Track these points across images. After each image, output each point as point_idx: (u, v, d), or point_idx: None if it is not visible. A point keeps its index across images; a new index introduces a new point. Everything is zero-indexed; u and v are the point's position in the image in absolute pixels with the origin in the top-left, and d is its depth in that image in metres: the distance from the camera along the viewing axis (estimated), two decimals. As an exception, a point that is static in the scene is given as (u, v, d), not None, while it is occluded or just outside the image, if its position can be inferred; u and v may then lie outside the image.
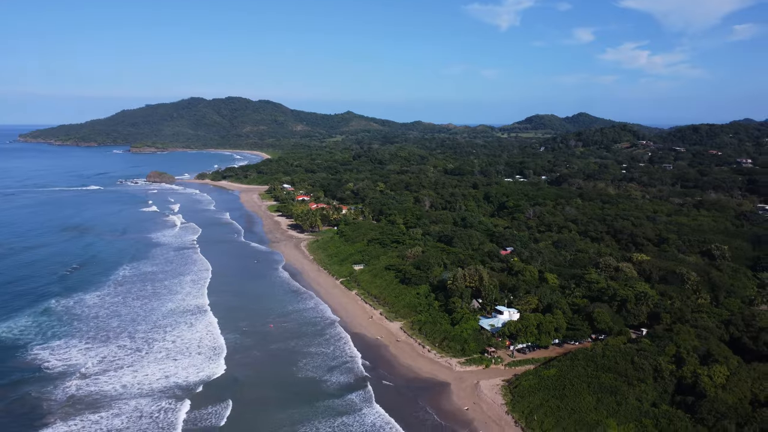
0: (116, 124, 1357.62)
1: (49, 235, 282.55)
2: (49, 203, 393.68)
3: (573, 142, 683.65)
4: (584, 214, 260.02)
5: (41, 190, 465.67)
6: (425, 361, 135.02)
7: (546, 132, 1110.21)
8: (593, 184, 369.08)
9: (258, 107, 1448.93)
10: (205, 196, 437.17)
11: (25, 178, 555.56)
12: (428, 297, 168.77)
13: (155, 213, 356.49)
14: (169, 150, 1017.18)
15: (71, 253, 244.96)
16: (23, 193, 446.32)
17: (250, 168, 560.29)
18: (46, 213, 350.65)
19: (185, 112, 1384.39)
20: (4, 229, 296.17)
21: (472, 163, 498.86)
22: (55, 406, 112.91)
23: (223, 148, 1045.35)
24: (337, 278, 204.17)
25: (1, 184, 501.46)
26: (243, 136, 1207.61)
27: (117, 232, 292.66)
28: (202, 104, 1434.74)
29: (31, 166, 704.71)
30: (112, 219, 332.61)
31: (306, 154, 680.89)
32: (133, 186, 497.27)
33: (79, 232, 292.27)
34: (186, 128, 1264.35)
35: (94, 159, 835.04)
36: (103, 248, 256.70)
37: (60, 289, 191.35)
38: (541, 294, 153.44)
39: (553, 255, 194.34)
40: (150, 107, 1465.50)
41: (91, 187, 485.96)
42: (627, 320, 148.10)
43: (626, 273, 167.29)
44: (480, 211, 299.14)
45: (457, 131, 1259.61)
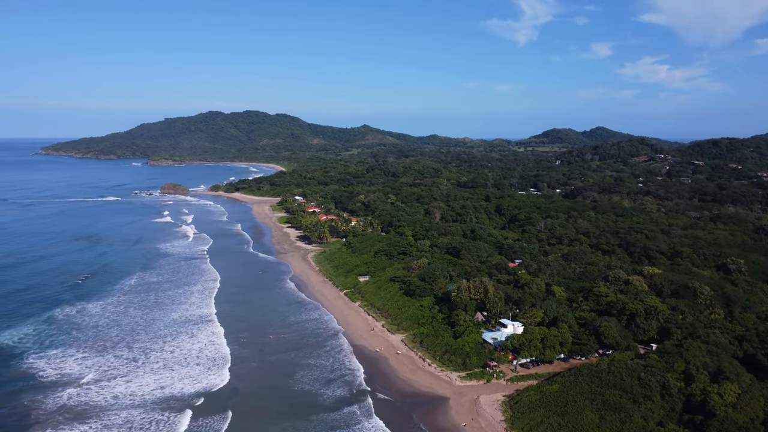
0: (136, 137, 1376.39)
1: (62, 245, 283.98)
2: (65, 214, 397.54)
3: (589, 156, 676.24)
4: (597, 227, 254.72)
5: (59, 200, 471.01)
6: (425, 374, 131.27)
7: (563, 146, 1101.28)
8: (608, 197, 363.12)
9: (275, 121, 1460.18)
10: (218, 207, 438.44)
11: (44, 189, 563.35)
12: (432, 309, 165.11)
13: (168, 224, 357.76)
14: (186, 163, 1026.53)
15: (83, 263, 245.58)
16: (41, 203, 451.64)
17: (264, 180, 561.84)
18: (62, 223, 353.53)
19: (203, 126, 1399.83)
20: (21, 239, 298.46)
21: (485, 176, 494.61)
22: (45, 415, 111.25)
23: (239, 161, 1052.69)
24: (341, 290, 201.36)
25: (20, 195, 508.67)
26: (259, 149, 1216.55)
27: (129, 242, 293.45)
28: (220, 118, 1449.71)
29: (51, 178, 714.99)
30: (126, 229, 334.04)
31: (320, 167, 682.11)
32: (148, 197, 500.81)
33: (92, 242, 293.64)
34: (204, 141, 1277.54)
35: (112, 171, 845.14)
36: (115, 258, 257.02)
37: (66, 298, 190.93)
38: (547, 307, 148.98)
39: (561, 268, 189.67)
40: (169, 120, 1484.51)
41: (109, 198, 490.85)
42: (636, 335, 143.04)
43: (636, 286, 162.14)
44: (491, 223, 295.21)
45: (473, 145, 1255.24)
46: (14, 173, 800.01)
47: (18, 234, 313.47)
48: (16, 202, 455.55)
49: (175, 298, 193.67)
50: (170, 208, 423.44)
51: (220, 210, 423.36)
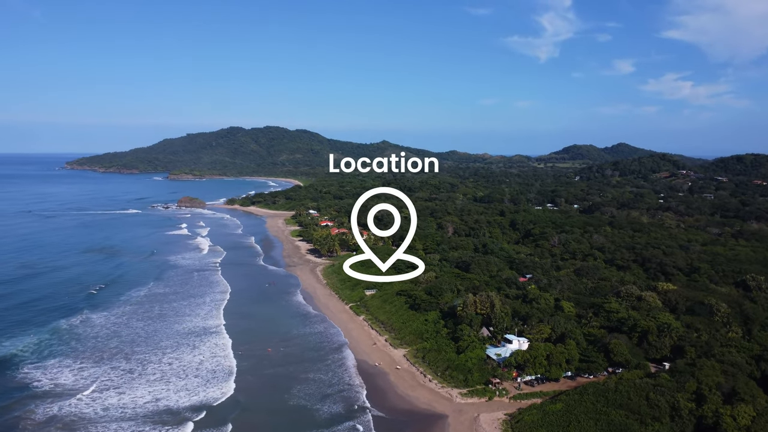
0: (158, 152, 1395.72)
1: (79, 256, 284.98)
2: (86, 225, 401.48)
3: (609, 172, 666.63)
4: (612, 242, 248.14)
5: (80, 213, 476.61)
6: (425, 391, 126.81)
7: (584, 162, 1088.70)
8: (627, 212, 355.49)
9: (295, 136, 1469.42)
10: (233, 220, 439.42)
11: (66, 202, 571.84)
12: (437, 324, 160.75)
13: (183, 236, 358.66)
14: (206, 177, 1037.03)
15: (97, 273, 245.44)
16: (63, 215, 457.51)
17: (279, 194, 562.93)
18: (82, 235, 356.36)
19: (224, 141, 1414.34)
20: (40, 250, 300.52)
21: (502, 191, 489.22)
22: (33, 426, 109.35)
23: (258, 176, 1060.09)
24: (347, 303, 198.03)
25: (44, 207, 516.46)
26: (279, 164, 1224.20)
27: (144, 254, 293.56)
28: (241, 133, 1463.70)
29: (74, 191, 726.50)
30: (143, 241, 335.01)
31: (337, 182, 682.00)
32: (164, 210, 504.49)
33: (109, 253, 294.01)
34: (224, 156, 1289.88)
35: (133, 185, 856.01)
36: (129, 269, 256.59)
37: (74, 308, 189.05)
38: (555, 323, 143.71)
39: (573, 283, 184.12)
40: (191, 136, 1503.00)
41: (129, 210, 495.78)
42: (648, 353, 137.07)
43: (649, 303, 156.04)
44: (505, 238, 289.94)
45: (493, 161, 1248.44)
46: (39, 186, 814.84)
47: (38, 245, 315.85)
48: (39, 214, 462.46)
49: (179, 309, 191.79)
50: (186, 221, 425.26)
51: (234, 223, 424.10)
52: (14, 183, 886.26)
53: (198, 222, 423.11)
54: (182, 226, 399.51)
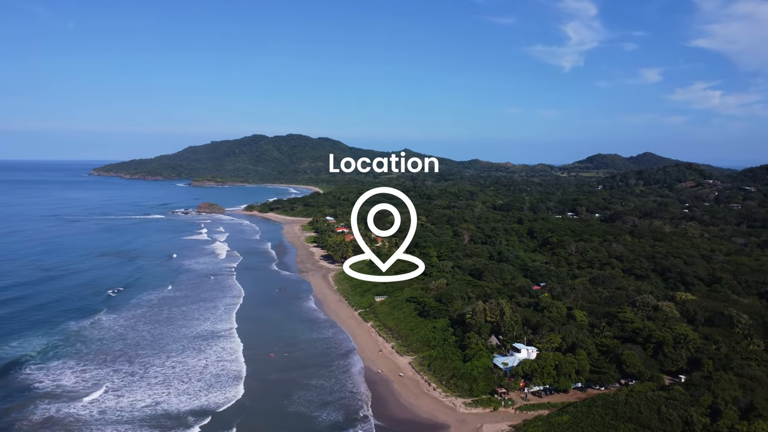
0: (182, 159, 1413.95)
1: (99, 259, 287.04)
2: (108, 230, 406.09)
3: (633, 181, 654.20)
4: (631, 251, 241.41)
5: (103, 217, 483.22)
6: (428, 399, 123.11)
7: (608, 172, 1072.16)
8: (649, 222, 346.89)
9: (317, 144, 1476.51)
10: (251, 226, 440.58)
11: (91, 207, 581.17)
12: (446, 331, 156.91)
13: (201, 241, 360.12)
14: (228, 184, 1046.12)
15: (115, 277, 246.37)
16: (86, 220, 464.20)
17: (297, 201, 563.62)
18: (103, 239, 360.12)
19: (247, 149, 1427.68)
20: (61, 253, 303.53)
21: (522, 200, 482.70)
22: (28, 426, 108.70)
23: (279, 183, 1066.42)
24: (356, 309, 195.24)
25: (69, 211, 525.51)
26: (300, 171, 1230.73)
27: (163, 258, 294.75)
28: (264, 141, 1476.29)
29: (98, 197, 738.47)
30: (162, 246, 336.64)
31: (356, 189, 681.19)
32: (184, 216, 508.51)
33: (128, 257, 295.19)
34: (247, 164, 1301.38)
35: (156, 191, 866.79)
36: (146, 273, 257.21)
37: (86, 311, 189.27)
38: (566, 332, 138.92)
39: (587, 291, 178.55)
40: (215, 143, 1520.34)
41: (153, 216, 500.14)
42: (663, 365, 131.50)
43: (666, 313, 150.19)
44: (522, 246, 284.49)
45: (515, 170, 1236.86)
46: (65, 192, 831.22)
47: (61, 248, 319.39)
48: (65, 218, 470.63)
49: (189, 313, 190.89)
50: (205, 226, 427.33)
51: (252, 229, 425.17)
52: (42, 188, 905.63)
53: (216, 227, 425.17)
54: (201, 232, 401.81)
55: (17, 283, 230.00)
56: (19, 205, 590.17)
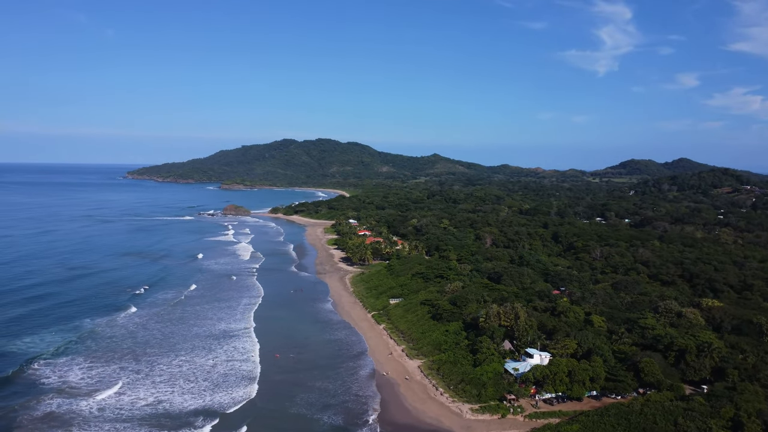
0: (213, 162, 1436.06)
1: (127, 259, 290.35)
2: (138, 230, 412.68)
3: (666, 186, 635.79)
4: (659, 256, 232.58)
5: (135, 218, 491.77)
6: (434, 404, 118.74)
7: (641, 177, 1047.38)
8: (680, 227, 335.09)
9: (346, 149, 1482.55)
10: (275, 228, 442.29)
11: (124, 208, 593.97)
12: (458, 335, 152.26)
13: (225, 242, 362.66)
14: (257, 187, 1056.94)
15: (140, 276, 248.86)
16: (118, 221, 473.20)
17: (322, 204, 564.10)
18: (134, 239, 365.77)
19: (277, 153, 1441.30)
20: (91, 252, 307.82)
21: (550, 204, 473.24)
22: (29, 420, 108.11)
23: (307, 187, 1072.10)
24: (369, 311, 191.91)
25: (103, 213, 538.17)
26: (329, 175, 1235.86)
27: (188, 258, 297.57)
28: (293, 145, 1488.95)
29: (131, 199, 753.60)
30: (188, 246, 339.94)
31: (382, 193, 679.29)
32: (210, 218, 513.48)
33: (155, 257, 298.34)
34: (276, 168, 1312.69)
35: (187, 194, 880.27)
36: (171, 273, 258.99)
37: (105, 309, 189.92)
38: (582, 338, 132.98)
39: (608, 297, 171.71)
40: (245, 148, 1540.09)
41: (183, 217, 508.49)
42: (685, 374, 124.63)
43: (690, 320, 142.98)
44: (545, 250, 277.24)
45: (545, 175, 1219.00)
46: (100, 194, 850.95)
47: (91, 248, 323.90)
48: (98, 219, 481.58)
49: (204, 313, 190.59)
50: (230, 228, 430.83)
51: (275, 231, 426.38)
52: (78, 190, 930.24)
53: (241, 229, 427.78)
54: (226, 233, 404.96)
55: (44, 281, 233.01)
56: (56, 206, 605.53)
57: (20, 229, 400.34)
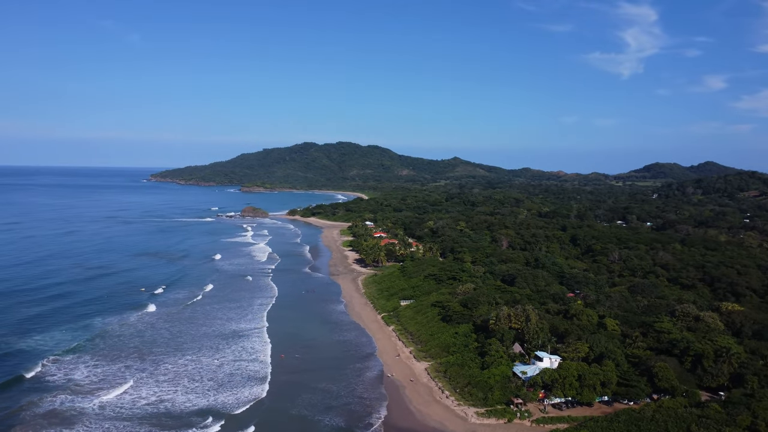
0: (235, 166, 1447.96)
1: (147, 259, 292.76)
2: (160, 231, 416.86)
3: (691, 190, 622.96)
4: (680, 259, 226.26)
5: (156, 220, 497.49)
6: (439, 408, 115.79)
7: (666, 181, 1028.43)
8: (704, 231, 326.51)
9: (366, 152, 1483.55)
10: (291, 230, 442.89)
11: (146, 210, 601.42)
12: (468, 337, 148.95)
13: (242, 243, 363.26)
14: (277, 190, 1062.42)
15: (159, 275, 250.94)
16: (141, 222, 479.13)
17: (339, 206, 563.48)
18: (154, 240, 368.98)
19: (297, 156, 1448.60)
20: (111, 252, 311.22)
21: (570, 207, 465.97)
22: (31, 417, 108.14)
23: (327, 189, 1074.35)
24: (379, 313, 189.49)
25: (126, 214, 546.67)
26: (349, 178, 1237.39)
27: (206, 258, 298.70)
28: (314, 149, 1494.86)
29: (154, 201, 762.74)
30: (207, 247, 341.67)
31: (400, 196, 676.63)
32: (228, 219, 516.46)
33: (174, 258, 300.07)
34: (296, 171, 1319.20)
35: (207, 196, 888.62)
36: (188, 273, 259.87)
37: (118, 309, 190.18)
38: (594, 341, 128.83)
39: (624, 300, 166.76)
40: (266, 151, 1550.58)
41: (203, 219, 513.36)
42: (702, 380, 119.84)
43: (708, 324, 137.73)
44: (563, 253, 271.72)
45: (567, 179, 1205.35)
46: (124, 196, 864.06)
47: (113, 248, 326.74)
48: (121, 220, 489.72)
49: (215, 313, 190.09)
50: (248, 230, 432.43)
51: (291, 232, 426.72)
52: (103, 192, 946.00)
53: (259, 231, 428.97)
54: (244, 234, 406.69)
55: (63, 280, 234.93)
56: (81, 207, 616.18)
57: (45, 229, 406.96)
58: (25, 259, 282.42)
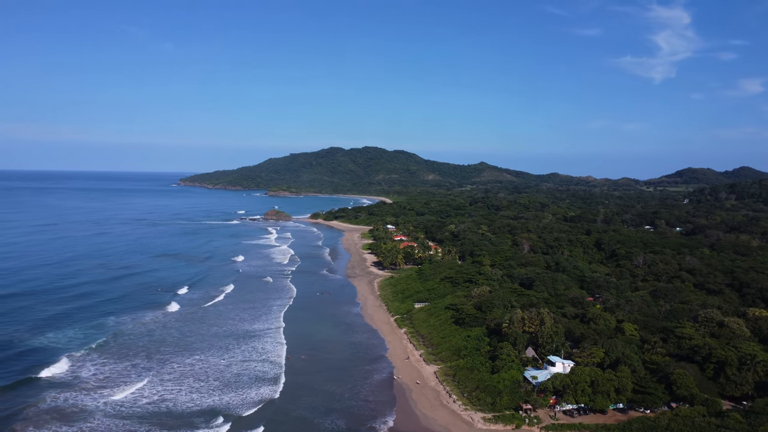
0: (262, 170, 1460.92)
1: (172, 260, 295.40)
2: (187, 233, 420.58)
3: (724, 195, 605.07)
4: (707, 264, 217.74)
5: (183, 222, 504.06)
6: (445, 412, 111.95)
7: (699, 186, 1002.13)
8: (735, 236, 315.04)
9: (392, 157, 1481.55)
10: (312, 233, 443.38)
11: (174, 213, 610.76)
12: (480, 340, 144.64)
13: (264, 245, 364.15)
14: (303, 194, 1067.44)
15: (181, 276, 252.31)
16: (168, 224, 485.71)
17: (362, 209, 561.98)
18: (181, 241, 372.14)
19: (323, 161, 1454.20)
20: (137, 253, 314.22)
21: (596, 212, 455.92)
22: (35, 412, 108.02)
23: (352, 194, 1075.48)
24: (393, 315, 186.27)
25: (155, 216, 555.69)
26: (374, 183, 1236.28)
27: (228, 260, 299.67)
28: (340, 153, 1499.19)
29: (182, 204, 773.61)
30: (231, 248, 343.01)
31: (424, 200, 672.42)
32: (252, 222, 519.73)
33: (199, 259, 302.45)
34: (322, 175, 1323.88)
35: (234, 200, 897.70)
36: (209, 274, 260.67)
37: (133, 308, 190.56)
38: (610, 346, 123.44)
39: (645, 304, 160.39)
40: (293, 155, 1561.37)
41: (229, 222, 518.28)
42: (725, 389, 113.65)
43: (733, 330, 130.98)
44: (586, 257, 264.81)
45: (596, 184, 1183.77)
46: (153, 200, 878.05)
47: (139, 249, 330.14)
48: (151, 222, 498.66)
49: (227, 313, 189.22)
50: (271, 232, 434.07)
51: (312, 235, 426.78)
52: (133, 196, 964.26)
53: (281, 233, 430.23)
54: (267, 236, 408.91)
55: (87, 280, 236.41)
56: (112, 210, 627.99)
57: (76, 230, 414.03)
58: (55, 259, 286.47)
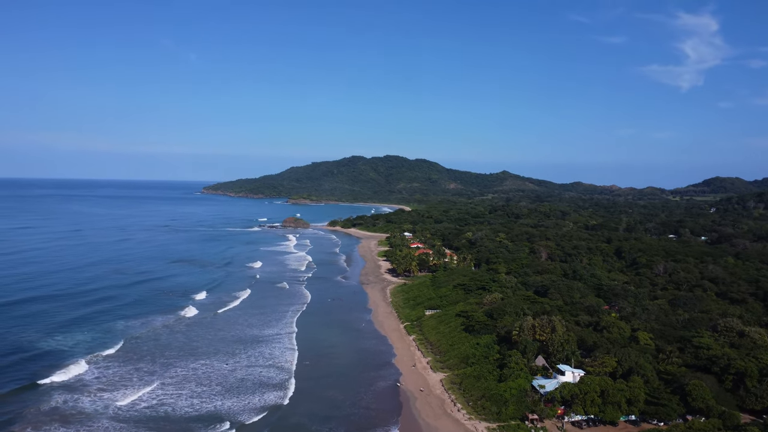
0: (284, 179, 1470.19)
1: (191, 266, 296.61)
2: (208, 240, 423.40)
3: (752, 204, 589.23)
4: (731, 273, 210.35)
5: (205, 229, 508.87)
6: (448, 421, 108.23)
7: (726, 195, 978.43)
8: (762, 245, 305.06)
9: (414, 165, 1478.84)
10: (330, 240, 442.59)
11: (196, 220, 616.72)
12: (489, 348, 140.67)
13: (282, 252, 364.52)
14: (323, 202, 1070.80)
15: (199, 281, 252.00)
16: (191, 231, 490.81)
17: (380, 217, 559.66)
18: (202, 248, 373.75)
19: (345, 169, 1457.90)
20: (158, 259, 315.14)
21: (619, 221, 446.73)
22: (35, 414, 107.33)
23: (373, 202, 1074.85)
24: (402, 322, 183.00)
25: (178, 223, 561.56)
26: (395, 192, 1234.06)
27: (245, 266, 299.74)
28: (362, 162, 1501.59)
29: (205, 211, 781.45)
30: (250, 255, 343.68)
31: (444, 208, 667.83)
32: (271, 229, 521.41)
33: (218, 264, 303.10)
34: (344, 184, 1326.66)
35: (256, 207, 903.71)
36: (227, 279, 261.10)
37: (144, 313, 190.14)
38: (623, 355, 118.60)
39: (663, 313, 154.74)
40: (315, 164, 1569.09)
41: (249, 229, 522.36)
42: (745, 402, 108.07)
43: (755, 340, 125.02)
44: (605, 265, 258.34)
45: (621, 193, 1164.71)
46: (177, 207, 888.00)
47: (160, 255, 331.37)
48: (174, 228, 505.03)
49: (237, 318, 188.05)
50: (290, 239, 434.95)
51: (330, 242, 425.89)
52: (158, 204, 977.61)
53: (300, 240, 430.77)
54: (284, 244, 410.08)
55: (105, 285, 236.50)
56: (137, 217, 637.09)
57: (100, 236, 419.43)
58: (77, 264, 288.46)
